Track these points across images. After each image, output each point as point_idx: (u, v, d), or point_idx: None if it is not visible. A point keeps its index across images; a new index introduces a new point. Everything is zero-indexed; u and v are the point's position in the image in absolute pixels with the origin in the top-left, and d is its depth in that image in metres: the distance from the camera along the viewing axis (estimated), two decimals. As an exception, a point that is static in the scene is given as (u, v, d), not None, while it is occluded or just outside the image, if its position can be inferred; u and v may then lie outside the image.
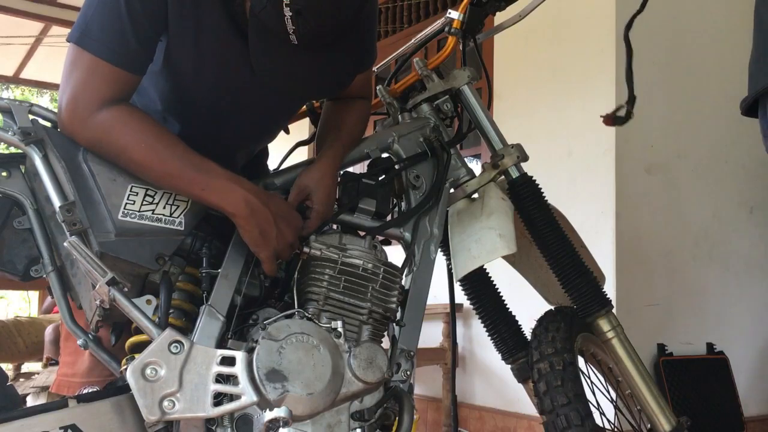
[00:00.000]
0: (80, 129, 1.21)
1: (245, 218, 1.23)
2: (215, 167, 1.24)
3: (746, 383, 3.32)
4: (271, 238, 1.24)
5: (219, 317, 1.22)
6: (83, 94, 1.20)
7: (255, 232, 1.23)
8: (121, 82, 1.23)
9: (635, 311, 3.04)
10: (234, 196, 1.22)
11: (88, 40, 1.20)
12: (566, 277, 1.53)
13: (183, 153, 1.22)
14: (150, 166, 1.21)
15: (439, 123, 1.56)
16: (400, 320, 1.39)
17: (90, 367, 1.49)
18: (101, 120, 1.20)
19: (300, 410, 1.18)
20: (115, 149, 1.21)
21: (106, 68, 1.21)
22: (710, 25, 3.37)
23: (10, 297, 8.88)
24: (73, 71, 1.21)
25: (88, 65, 1.21)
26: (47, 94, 11.07)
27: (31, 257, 1.30)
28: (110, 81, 1.21)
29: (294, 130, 1.71)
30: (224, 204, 1.22)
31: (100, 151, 1.22)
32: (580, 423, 1.35)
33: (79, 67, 1.21)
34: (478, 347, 3.51)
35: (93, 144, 1.22)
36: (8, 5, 5.06)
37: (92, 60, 1.20)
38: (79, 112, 1.20)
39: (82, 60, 1.21)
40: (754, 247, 3.47)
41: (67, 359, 1.53)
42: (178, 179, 1.22)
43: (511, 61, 3.56)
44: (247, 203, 1.22)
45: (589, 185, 3.13)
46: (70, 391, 1.51)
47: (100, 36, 1.20)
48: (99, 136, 1.21)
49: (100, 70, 1.21)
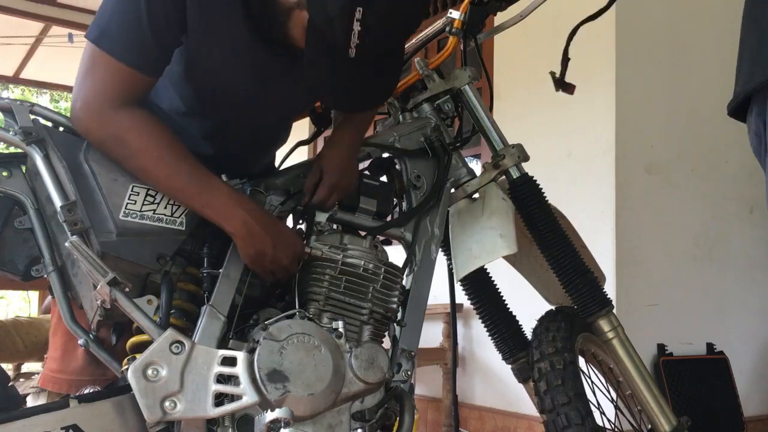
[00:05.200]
0: (95, 125, 1.22)
1: (242, 239, 1.24)
2: (219, 185, 1.25)
3: (746, 383, 3.32)
4: (267, 260, 1.25)
5: (220, 317, 1.22)
6: (101, 92, 1.21)
7: (251, 252, 1.25)
8: (138, 84, 1.23)
9: (635, 311, 3.04)
10: (233, 216, 1.23)
11: (107, 40, 1.20)
12: (567, 277, 1.53)
13: (190, 167, 1.23)
14: (156, 176, 1.22)
15: (440, 123, 1.56)
16: (400, 320, 1.39)
17: (83, 366, 1.49)
18: (118, 120, 1.21)
19: (301, 410, 1.18)
20: (125, 153, 1.21)
21: (124, 70, 1.21)
22: (710, 25, 3.37)
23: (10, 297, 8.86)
24: (90, 70, 1.22)
25: (107, 66, 1.21)
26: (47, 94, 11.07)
27: (32, 257, 1.30)
28: (128, 82, 1.22)
29: (294, 130, 1.70)
30: (223, 223, 1.24)
31: (109, 152, 1.23)
32: (580, 422, 1.35)
33: (97, 67, 1.22)
34: (478, 347, 3.51)
35: (105, 142, 1.22)
36: (8, 5, 5.05)
37: (110, 61, 1.21)
38: (96, 108, 1.21)
39: (100, 60, 1.21)
40: (754, 247, 3.47)
41: (55, 354, 1.54)
42: (180, 192, 1.23)
43: (511, 61, 3.56)
44: (245, 224, 1.23)
45: (589, 185, 3.13)
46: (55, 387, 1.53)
47: (119, 37, 1.20)
48: (113, 135, 1.21)
49: (119, 71, 1.21)
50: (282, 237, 1.27)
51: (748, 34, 1.30)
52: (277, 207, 1.37)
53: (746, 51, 1.29)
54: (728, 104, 1.33)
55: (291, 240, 1.29)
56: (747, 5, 1.31)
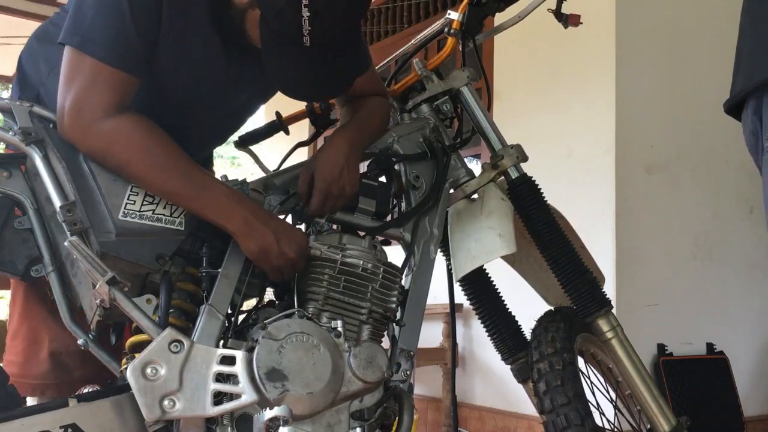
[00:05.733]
0: (82, 137, 1.21)
1: (245, 236, 1.24)
2: (217, 185, 1.25)
3: (746, 383, 3.32)
4: (273, 255, 1.25)
5: (219, 317, 1.22)
6: (87, 100, 1.19)
7: (255, 250, 1.25)
8: (125, 86, 1.22)
9: (635, 311, 3.04)
10: (233, 215, 1.23)
11: (91, 44, 1.19)
12: (566, 278, 1.54)
13: (186, 169, 1.23)
14: (150, 183, 1.22)
15: (438, 124, 1.57)
16: (399, 320, 1.39)
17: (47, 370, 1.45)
18: (105, 130, 1.20)
19: (300, 409, 1.18)
20: (117, 162, 1.21)
21: (110, 73, 1.20)
22: (710, 25, 3.37)
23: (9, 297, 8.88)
24: (74, 77, 1.20)
25: (92, 70, 1.19)
26: (48, 94, 11.06)
27: (31, 257, 1.30)
28: (115, 86, 1.20)
29: (294, 130, 1.71)
30: (224, 223, 1.24)
31: (102, 162, 1.22)
32: (579, 422, 1.35)
33: (81, 73, 1.20)
34: (478, 347, 3.51)
35: (95, 154, 1.22)
36: (8, 5, 5.05)
37: (96, 65, 1.19)
38: (83, 119, 1.20)
39: (84, 65, 1.20)
40: (754, 247, 3.47)
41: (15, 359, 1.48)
42: (177, 196, 1.23)
43: (511, 61, 3.56)
44: (246, 222, 1.24)
45: (589, 185, 3.13)
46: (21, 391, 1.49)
47: (102, 40, 1.19)
48: (102, 147, 1.21)
49: (105, 74, 1.20)
50: (284, 231, 1.27)
51: (746, 33, 1.30)
52: (276, 207, 1.37)
53: (745, 50, 1.30)
54: (725, 102, 1.33)
55: (294, 233, 1.29)
56: (745, 4, 1.31)
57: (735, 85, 1.31)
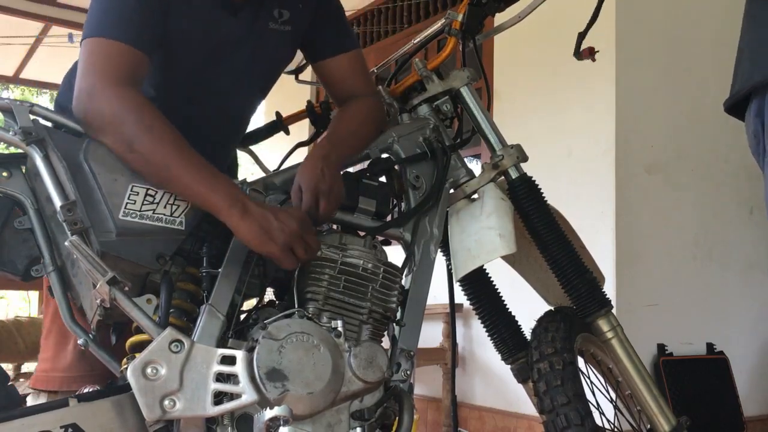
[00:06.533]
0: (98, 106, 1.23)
1: (240, 218, 1.21)
2: (214, 172, 1.24)
3: (746, 383, 3.32)
4: (274, 230, 1.21)
5: (219, 316, 1.22)
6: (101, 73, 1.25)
7: (255, 229, 1.21)
8: (135, 61, 1.28)
9: (635, 311, 3.04)
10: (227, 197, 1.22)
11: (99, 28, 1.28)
12: (566, 278, 1.54)
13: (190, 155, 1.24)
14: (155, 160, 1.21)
15: (438, 124, 1.57)
16: (400, 320, 1.39)
17: (72, 362, 1.51)
18: (120, 97, 1.24)
19: (300, 409, 1.18)
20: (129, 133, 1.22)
21: (120, 48, 1.27)
22: (710, 25, 3.37)
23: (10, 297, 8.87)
24: (89, 58, 1.27)
25: (102, 49, 1.27)
26: (47, 94, 11.07)
27: (31, 257, 1.30)
28: (126, 60, 1.27)
29: (294, 130, 1.71)
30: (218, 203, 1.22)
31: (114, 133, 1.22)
32: (579, 422, 1.35)
33: (94, 54, 1.27)
34: (478, 347, 3.51)
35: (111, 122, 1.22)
36: (8, 5, 5.06)
37: (106, 43, 1.27)
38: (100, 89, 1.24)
39: (96, 47, 1.27)
40: (754, 247, 3.47)
41: (47, 356, 1.55)
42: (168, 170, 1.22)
43: (511, 61, 3.56)
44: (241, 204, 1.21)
45: (589, 185, 3.13)
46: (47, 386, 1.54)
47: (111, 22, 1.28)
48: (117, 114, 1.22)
49: (115, 50, 1.27)
50: (281, 210, 1.26)
51: (747, 32, 1.30)
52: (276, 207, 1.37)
53: (746, 49, 1.30)
54: (725, 101, 1.33)
55: (291, 209, 1.27)
56: (747, 3, 1.31)
57: (735, 85, 1.31)
